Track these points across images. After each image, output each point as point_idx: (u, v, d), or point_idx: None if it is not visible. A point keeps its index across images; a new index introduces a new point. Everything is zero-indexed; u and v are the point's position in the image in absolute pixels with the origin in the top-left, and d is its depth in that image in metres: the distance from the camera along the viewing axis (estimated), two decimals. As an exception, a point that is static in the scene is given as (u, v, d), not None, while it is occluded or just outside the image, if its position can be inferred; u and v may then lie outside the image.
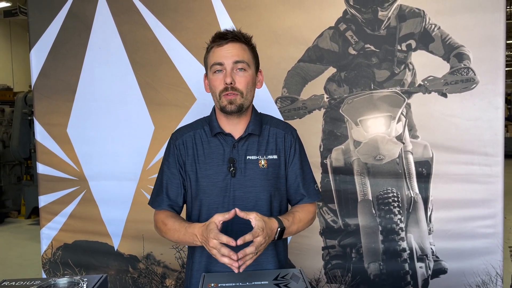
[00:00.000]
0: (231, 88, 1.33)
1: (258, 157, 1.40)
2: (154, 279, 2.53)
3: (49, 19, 2.50)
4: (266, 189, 1.40)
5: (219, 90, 1.35)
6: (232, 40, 1.34)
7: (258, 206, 1.39)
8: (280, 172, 1.43)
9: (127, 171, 2.48)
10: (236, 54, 1.33)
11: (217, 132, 1.40)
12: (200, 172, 1.40)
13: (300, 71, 2.28)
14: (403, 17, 2.18)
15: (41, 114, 2.57)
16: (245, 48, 1.36)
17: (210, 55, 1.38)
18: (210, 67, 1.37)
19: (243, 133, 1.40)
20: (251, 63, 1.37)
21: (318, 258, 2.32)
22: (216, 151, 1.40)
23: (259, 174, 1.39)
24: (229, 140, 1.40)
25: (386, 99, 2.22)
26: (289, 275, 1.31)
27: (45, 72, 2.53)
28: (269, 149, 1.42)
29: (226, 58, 1.33)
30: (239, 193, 1.38)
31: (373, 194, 2.26)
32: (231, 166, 1.37)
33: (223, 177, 1.38)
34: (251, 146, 1.41)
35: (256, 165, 1.39)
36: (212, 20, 2.32)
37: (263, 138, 1.43)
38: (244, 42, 1.37)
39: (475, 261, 2.21)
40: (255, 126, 1.41)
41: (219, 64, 1.34)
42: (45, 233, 2.63)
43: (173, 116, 2.40)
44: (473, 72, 2.14)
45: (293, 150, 1.45)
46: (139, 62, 2.43)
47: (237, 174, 1.38)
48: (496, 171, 2.16)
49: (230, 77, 1.32)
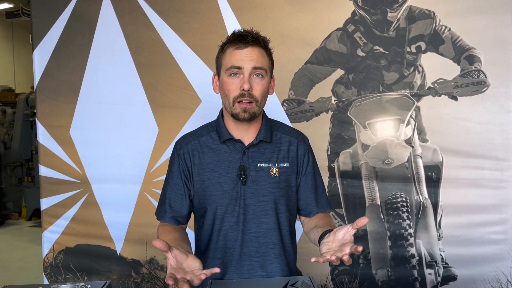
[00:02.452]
0: (247, 95, 1.27)
1: (270, 164, 1.35)
2: (157, 284, 2.49)
3: (53, 20, 2.47)
4: (277, 198, 1.35)
5: (234, 96, 1.29)
6: (252, 44, 1.28)
7: (269, 215, 1.34)
8: (291, 180, 1.39)
9: (131, 174, 2.45)
10: (256, 60, 1.27)
11: (227, 138, 1.35)
12: (209, 181, 1.35)
13: (307, 73, 2.24)
14: (413, 19, 2.14)
15: (44, 116, 2.53)
16: (263, 53, 1.30)
17: (226, 56, 1.30)
18: (226, 69, 1.30)
19: (254, 140, 1.35)
20: (268, 69, 1.32)
21: (325, 264, 2.28)
22: (225, 158, 1.35)
23: (270, 182, 1.34)
24: (239, 147, 1.35)
25: (395, 101, 2.18)
26: (298, 283, 1.27)
27: (48, 73, 2.50)
28: (280, 157, 1.37)
29: (245, 62, 1.27)
30: (250, 201, 1.34)
31: (382, 198, 2.22)
32: (242, 174, 1.33)
33: (233, 185, 1.33)
34: (262, 153, 1.36)
35: (267, 173, 1.35)
36: (218, 21, 2.29)
37: (275, 146, 1.38)
38: (263, 47, 1.31)
39: (485, 268, 2.17)
40: (266, 133, 1.37)
41: (237, 67, 1.27)
42: (47, 236, 2.59)
43: (177, 118, 2.36)
44: (484, 75, 2.11)
45: (307, 159, 1.41)
46: (144, 63, 2.40)
47: (248, 182, 1.33)
48: (507, 176, 2.12)
49: (248, 83, 1.26)
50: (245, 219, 1.33)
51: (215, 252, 1.35)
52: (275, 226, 1.35)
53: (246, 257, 1.34)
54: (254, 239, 1.34)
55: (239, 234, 1.32)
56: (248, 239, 1.34)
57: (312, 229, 1.33)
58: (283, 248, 1.37)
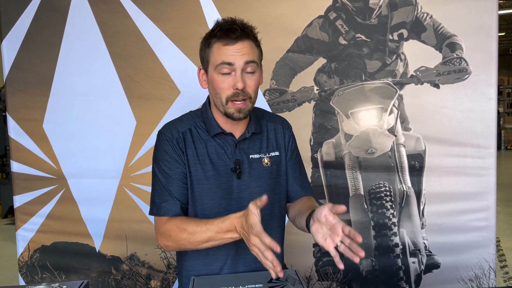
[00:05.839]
0: (241, 93, 1.21)
1: (261, 155, 1.32)
2: (138, 280, 2.43)
3: (22, 8, 2.34)
4: (271, 188, 1.32)
5: (227, 95, 1.22)
6: (242, 38, 1.20)
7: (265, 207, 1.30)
8: (281, 168, 1.36)
9: (108, 168, 2.36)
10: (247, 53, 1.20)
11: (218, 132, 1.30)
12: (201, 174, 1.28)
13: (289, 62, 2.20)
14: (395, 6, 2.11)
15: (15, 109, 2.41)
16: (253, 45, 1.23)
17: (214, 51, 1.22)
18: (215, 66, 1.22)
19: (247, 133, 1.31)
20: (259, 61, 1.26)
21: (309, 256, 2.26)
22: (218, 151, 1.30)
23: (264, 173, 1.31)
24: (230, 140, 1.30)
25: (377, 90, 2.16)
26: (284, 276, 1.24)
27: (18, 65, 2.38)
28: (270, 146, 1.34)
29: (236, 58, 1.19)
30: (245, 194, 1.30)
31: (365, 188, 2.21)
32: (238, 168, 1.28)
33: (226, 178, 1.29)
34: (253, 144, 1.32)
35: (260, 164, 1.31)
36: (197, 9, 2.21)
37: (263, 135, 1.35)
38: (253, 38, 1.24)
39: (468, 255, 2.18)
40: (256, 125, 1.33)
41: (228, 64, 1.20)
42: (21, 234, 2.49)
43: (156, 110, 2.28)
44: (465, 62, 2.10)
45: (291, 144, 1.39)
46: (120, 54, 2.31)
47: (243, 175, 1.29)
48: (488, 163, 2.13)
49: (241, 81, 1.20)
50: None
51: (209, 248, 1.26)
52: (269, 217, 1.32)
53: (242, 250, 1.29)
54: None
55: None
56: None
57: (296, 216, 1.30)
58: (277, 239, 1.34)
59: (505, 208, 5.59)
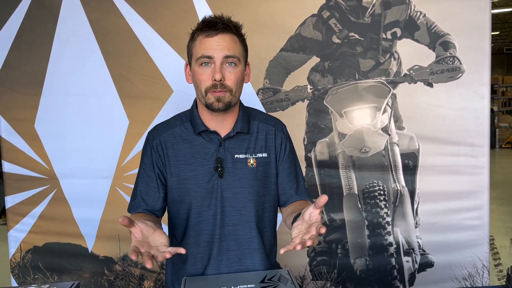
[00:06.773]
0: (220, 86, 1.21)
1: (247, 155, 1.30)
2: (131, 281, 2.41)
3: (13, 7, 2.32)
4: (256, 189, 1.30)
5: (206, 86, 1.22)
6: (223, 31, 1.20)
7: (247, 207, 1.30)
8: (270, 170, 1.34)
9: (101, 168, 2.34)
10: (227, 48, 1.20)
11: (201, 130, 1.29)
12: (184, 173, 1.28)
13: (282, 61, 2.19)
14: (388, 4, 2.11)
15: (6, 109, 2.39)
16: (236, 40, 1.23)
17: (196, 44, 1.23)
18: (196, 58, 1.23)
19: (231, 132, 1.29)
20: (242, 57, 1.25)
21: (303, 255, 2.25)
22: (201, 150, 1.29)
23: (248, 174, 1.29)
24: (215, 138, 1.29)
25: (371, 89, 2.15)
26: (276, 276, 1.23)
27: (9, 64, 2.35)
28: (258, 147, 1.32)
29: (216, 51, 1.20)
30: (227, 194, 1.28)
31: (359, 187, 2.20)
32: (219, 166, 1.27)
33: (209, 177, 1.28)
34: (239, 144, 1.30)
35: (245, 164, 1.29)
36: (189, 8, 2.20)
37: (252, 136, 1.32)
38: (236, 33, 1.24)
39: (461, 254, 2.18)
40: (243, 124, 1.31)
41: (207, 57, 1.20)
42: (13, 235, 2.47)
43: (148, 109, 2.27)
44: (458, 61, 2.10)
45: (284, 147, 1.36)
46: (112, 52, 2.29)
47: (225, 174, 1.28)
48: (482, 162, 2.13)
49: (220, 73, 1.19)
50: (223, 212, 1.28)
51: (192, 247, 1.30)
52: (253, 218, 1.30)
53: (225, 251, 1.30)
54: (232, 232, 1.29)
55: (217, 227, 1.28)
56: (227, 232, 1.29)
57: (288, 216, 1.30)
58: (262, 240, 1.33)
59: (499, 206, 5.61)
